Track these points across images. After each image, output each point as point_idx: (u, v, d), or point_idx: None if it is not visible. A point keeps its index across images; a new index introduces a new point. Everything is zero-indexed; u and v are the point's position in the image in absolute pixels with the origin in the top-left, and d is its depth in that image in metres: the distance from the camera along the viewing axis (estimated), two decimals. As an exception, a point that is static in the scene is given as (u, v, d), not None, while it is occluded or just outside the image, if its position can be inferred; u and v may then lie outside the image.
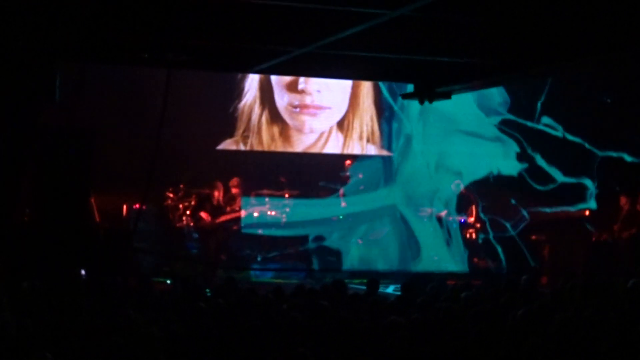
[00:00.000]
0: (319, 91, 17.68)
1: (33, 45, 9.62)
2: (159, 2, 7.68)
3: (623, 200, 15.51)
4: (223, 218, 14.87)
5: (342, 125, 18.01)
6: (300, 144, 17.90)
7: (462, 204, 17.18)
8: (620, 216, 15.53)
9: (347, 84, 17.73)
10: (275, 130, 17.76)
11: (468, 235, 16.95)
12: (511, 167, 17.85)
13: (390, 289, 13.93)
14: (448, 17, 7.78)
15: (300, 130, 17.79)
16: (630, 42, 8.37)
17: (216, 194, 14.86)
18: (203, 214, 14.66)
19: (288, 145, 17.87)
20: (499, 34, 8.61)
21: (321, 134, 17.95)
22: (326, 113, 17.88)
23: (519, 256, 17.05)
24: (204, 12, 7.93)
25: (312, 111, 17.82)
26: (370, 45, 9.28)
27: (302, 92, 17.67)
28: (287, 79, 17.30)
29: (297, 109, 17.71)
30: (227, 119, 17.41)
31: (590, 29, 8.10)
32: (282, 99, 17.65)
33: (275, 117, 17.72)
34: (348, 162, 17.82)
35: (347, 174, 17.78)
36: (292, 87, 17.61)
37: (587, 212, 17.86)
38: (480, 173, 17.79)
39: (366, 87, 17.92)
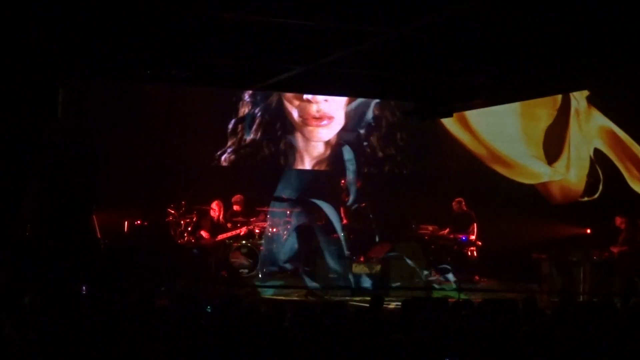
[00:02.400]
0: (325, 100, 17.76)
1: (35, 62, 9.65)
2: (163, 20, 7.72)
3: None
4: (224, 235, 14.85)
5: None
6: (307, 155, 17.94)
7: (464, 221, 17.16)
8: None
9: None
10: (281, 144, 17.83)
11: (469, 253, 16.93)
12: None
13: (391, 306, 13.90)
14: (449, 36, 7.81)
15: (308, 140, 17.85)
16: (631, 65, 8.40)
17: (217, 210, 14.84)
18: (203, 233, 14.64)
19: (292, 157, 17.92)
20: (501, 53, 8.63)
21: (327, 142, 18.05)
22: (333, 122, 17.96)
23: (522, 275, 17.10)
24: (206, 30, 7.97)
25: (320, 122, 17.87)
26: (371, 63, 9.31)
27: (308, 101, 17.73)
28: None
29: (304, 119, 17.77)
30: (229, 135, 17.47)
31: (592, 49, 8.13)
32: (288, 111, 17.72)
33: (280, 130, 17.79)
34: (350, 177, 17.82)
35: (349, 190, 17.78)
36: (298, 97, 17.66)
37: (588, 231, 17.91)
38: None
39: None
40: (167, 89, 11.60)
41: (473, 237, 16.91)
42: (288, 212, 16.92)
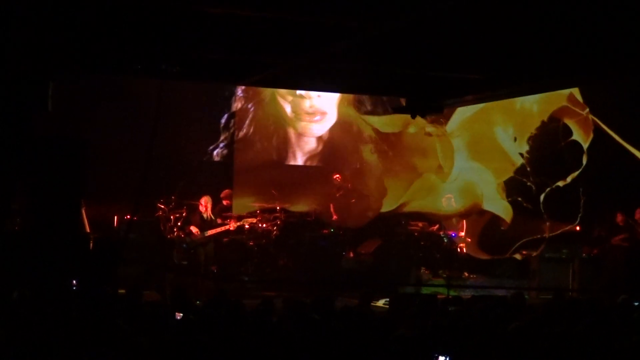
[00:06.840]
0: (318, 96, 17.73)
1: (26, 56, 9.61)
2: (153, 14, 7.70)
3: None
4: (214, 231, 14.82)
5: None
6: (299, 150, 17.91)
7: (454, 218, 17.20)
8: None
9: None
10: (273, 139, 17.81)
11: (459, 250, 16.95)
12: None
13: (380, 302, 13.91)
14: (440, 31, 7.81)
15: (300, 136, 17.82)
16: (624, 61, 8.40)
17: (207, 205, 14.81)
18: (193, 228, 14.62)
19: (284, 152, 17.89)
20: (492, 49, 8.64)
21: (320, 138, 18.03)
22: (326, 118, 17.94)
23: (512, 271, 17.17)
24: (197, 24, 7.96)
25: (313, 117, 17.85)
26: (362, 59, 9.30)
27: (301, 97, 17.71)
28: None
29: (297, 115, 17.75)
30: (221, 130, 17.44)
31: (584, 45, 8.14)
32: (280, 106, 17.69)
33: (271, 125, 17.75)
34: (337, 175, 17.71)
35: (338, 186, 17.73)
36: (292, 93, 17.64)
37: (577, 228, 17.95)
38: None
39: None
40: (158, 84, 11.56)
41: (462, 234, 16.93)
42: (278, 208, 16.90)
